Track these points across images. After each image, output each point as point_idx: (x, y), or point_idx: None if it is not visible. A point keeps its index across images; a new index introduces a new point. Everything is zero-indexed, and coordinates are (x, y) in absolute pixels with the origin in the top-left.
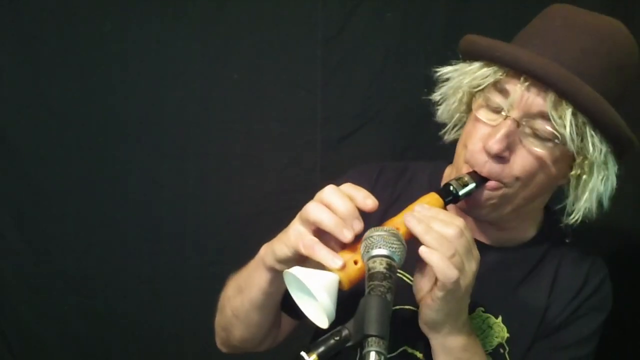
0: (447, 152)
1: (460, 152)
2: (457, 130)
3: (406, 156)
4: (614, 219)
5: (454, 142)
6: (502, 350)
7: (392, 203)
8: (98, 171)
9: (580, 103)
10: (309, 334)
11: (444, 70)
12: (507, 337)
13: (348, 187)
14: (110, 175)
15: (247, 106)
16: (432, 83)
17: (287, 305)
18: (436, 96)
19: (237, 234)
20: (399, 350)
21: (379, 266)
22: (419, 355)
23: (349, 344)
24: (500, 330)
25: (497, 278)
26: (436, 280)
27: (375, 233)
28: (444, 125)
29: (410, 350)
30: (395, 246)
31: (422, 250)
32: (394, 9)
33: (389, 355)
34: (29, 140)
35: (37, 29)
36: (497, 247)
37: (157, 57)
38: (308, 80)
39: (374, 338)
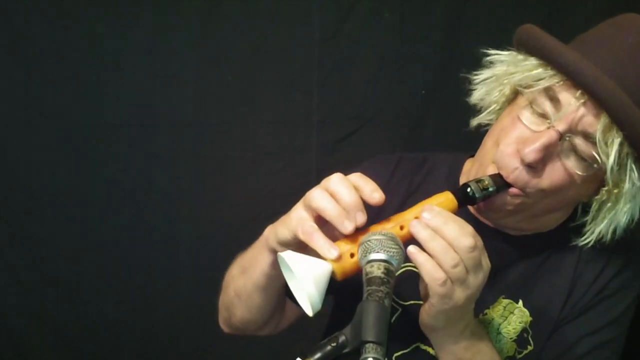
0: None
1: (489, 148)
2: (486, 117)
3: None
4: None
5: (461, 138)
6: (525, 335)
7: (409, 195)
8: (90, 174)
9: (634, 135)
10: (308, 336)
11: (494, 55)
12: (531, 321)
13: (356, 178)
14: (102, 178)
15: (242, 108)
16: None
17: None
18: (476, 79)
19: (231, 239)
20: (412, 347)
21: (377, 271)
22: (432, 352)
23: (346, 350)
24: (522, 315)
25: (516, 264)
26: None
27: (373, 237)
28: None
29: (423, 347)
30: (393, 250)
31: (410, 251)
32: (392, 9)
33: (402, 352)
34: (21, 142)
35: (29, 30)
36: (516, 236)
37: (150, 58)
38: (304, 81)
39: (371, 344)
